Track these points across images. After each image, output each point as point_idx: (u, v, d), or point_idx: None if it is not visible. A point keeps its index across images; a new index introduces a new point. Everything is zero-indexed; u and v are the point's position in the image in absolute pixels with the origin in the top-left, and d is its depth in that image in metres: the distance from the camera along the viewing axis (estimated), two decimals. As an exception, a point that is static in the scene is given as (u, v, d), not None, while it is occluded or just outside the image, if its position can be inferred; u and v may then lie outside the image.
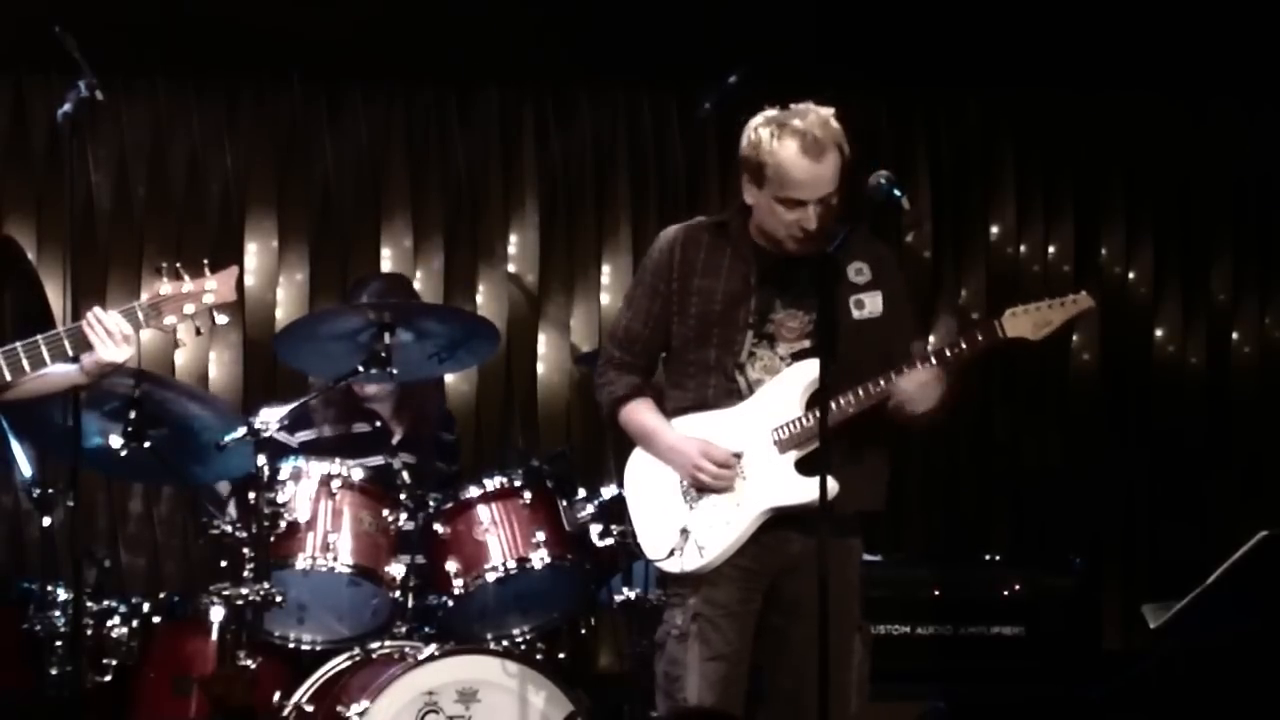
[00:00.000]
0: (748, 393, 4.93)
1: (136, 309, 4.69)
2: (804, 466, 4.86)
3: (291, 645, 5.67)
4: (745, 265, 4.92)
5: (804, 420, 4.85)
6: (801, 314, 4.92)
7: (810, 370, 4.82)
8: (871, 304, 4.92)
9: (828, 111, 4.85)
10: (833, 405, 4.72)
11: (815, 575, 4.65)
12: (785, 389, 4.90)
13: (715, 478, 4.87)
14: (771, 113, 4.86)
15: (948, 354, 4.84)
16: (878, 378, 4.82)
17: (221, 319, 4.75)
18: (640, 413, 4.99)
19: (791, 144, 4.77)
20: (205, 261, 4.75)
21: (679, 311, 4.96)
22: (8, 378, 4.63)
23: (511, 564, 5.63)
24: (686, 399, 4.97)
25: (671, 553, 4.89)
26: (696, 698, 4.86)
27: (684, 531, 4.88)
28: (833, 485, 4.69)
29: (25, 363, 4.63)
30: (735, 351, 4.92)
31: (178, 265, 4.73)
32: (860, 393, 4.82)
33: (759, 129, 4.83)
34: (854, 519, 4.95)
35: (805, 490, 4.80)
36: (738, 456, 4.88)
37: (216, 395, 6.68)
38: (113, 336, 4.63)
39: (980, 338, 4.87)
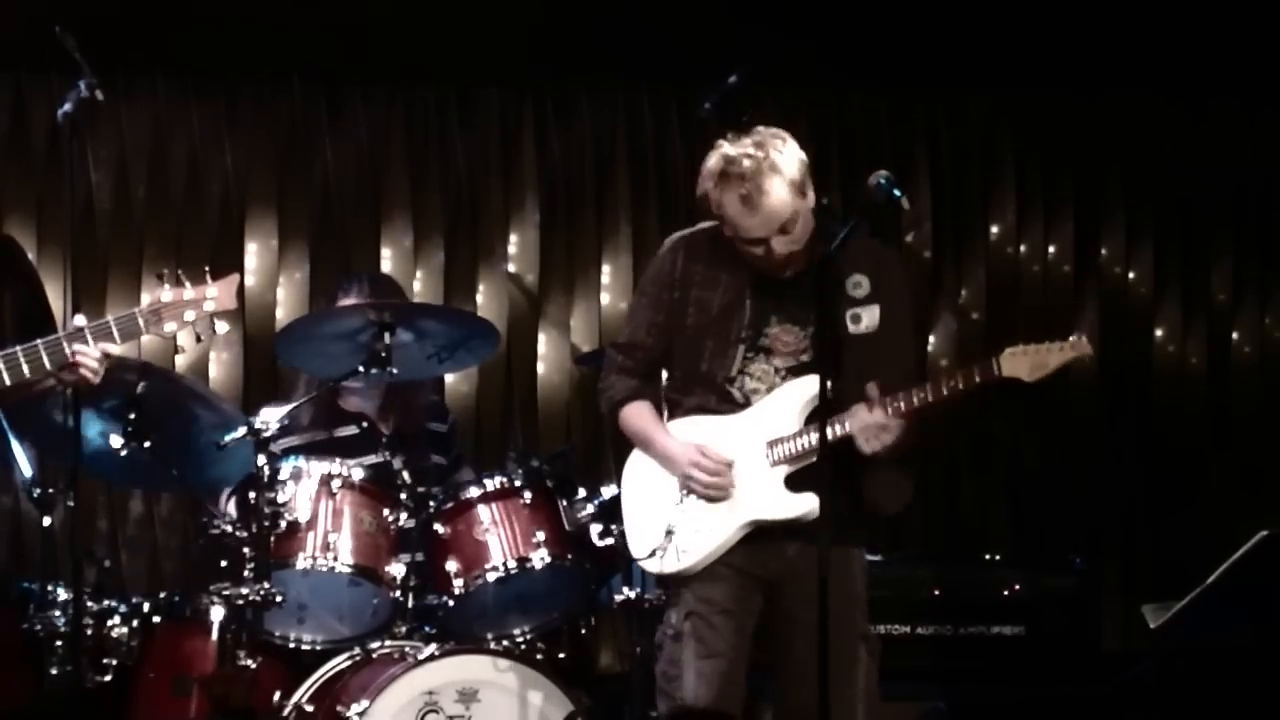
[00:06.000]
0: (744, 402, 4.93)
1: (137, 315, 4.68)
2: (793, 483, 4.87)
3: (291, 645, 5.67)
4: (741, 279, 4.92)
5: (800, 436, 4.86)
6: (798, 330, 4.91)
7: (809, 387, 4.82)
8: (869, 318, 4.90)
9: (771, 141, 4.78)
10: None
11: (811, 586, 4.66)
12: (784, 403, 4.90)
13: (707, 484, 4.88)
14: (722, 150, 4.80)
15: (943, 387, 4.82)
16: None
17: (222, 327, 4.75)
18: (638, 416, 5.01)
19: (732, 196, 4.77)
20: (206, 269, 4.75)
21: (679, 321, 4.98)
22: (7, 382, 4.63)
23: (511, 564, 5.63)
24: (685, 402, 5.00)
25: (653, 553, 4.92)
26: (693, 696, 4.86)
27: (668, 533, 4.90)
28: (814, 503, 4.73)
29: (4, 372, 4.64)
30: (727, 365, 4.92)
31: (179, 272, 4.72)
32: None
33: (705, 175, 4.82)
34: (859, 531, 4.95)
35: (790, 506, 4.84)
36: (730, 465, 4.89)
37: (218, 394, 6.66)
38: (88, 372, 4.65)
39: (977, 376, 4.82)
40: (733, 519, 4.89)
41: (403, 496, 5.70)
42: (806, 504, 4.79)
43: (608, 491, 5.66)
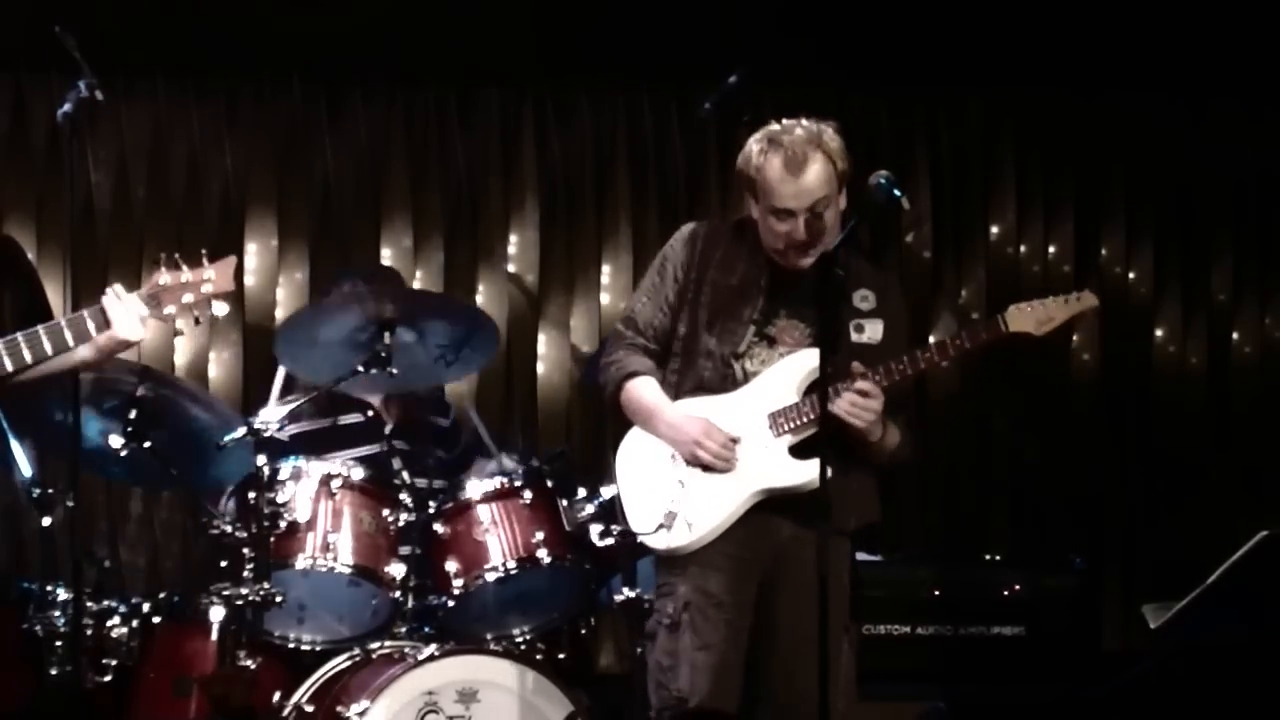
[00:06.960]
0: (743, 380, 4.97)
1: (135, 298, 4.68)
2: (797, 452, 4.89)
3: (291, 645, 5.68)
4: (758, 269, 5.00)
5: (801, 407, 4.88)
6: (804, 326, 4.98)
7: (809, 360, 4.87)
8: (871, 330, 4.99)
9: (823, 126, 4.93)
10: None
11: (800, 571, 4.72)
12: (783, 376, 4.95)
13: (715, 456, 4.89)
14: (770, 127, 4.95)
15: (949, 346, 4.90)
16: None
17: (221, 309, 4.73)
18: (645, 390, 5.04)
19: (776, 159, 4.89)
20: (204, 251, 4.74)
21: (691, 300, 5.03)
22: (8, 367, 4.61)
23: (511, 564, 5.63)
24: (684, 382, 5.03)
25: (659, 528, 4.92)
26: (689, 688, 4.86)
27: (673, 509, 4.91)
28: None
29: (26, 352, 4.62)
30: (735, 343, 4.99)
31: (176, 255, 4.71)
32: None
33: (752, 143, 4.96)
34: (845, 520, 4.96)
35: (798, 472, 4.85)
36: (735, 441, 4.91)
37: (216, 395, 6.66)
38: (131, 314, 4.63)
39: (983, 332, 4.94)
40: (741, 490, 4.91)
41: (402, 496, 5.70)
42: (814, 470, 4.78)
43: (608, 491, 5.66)
